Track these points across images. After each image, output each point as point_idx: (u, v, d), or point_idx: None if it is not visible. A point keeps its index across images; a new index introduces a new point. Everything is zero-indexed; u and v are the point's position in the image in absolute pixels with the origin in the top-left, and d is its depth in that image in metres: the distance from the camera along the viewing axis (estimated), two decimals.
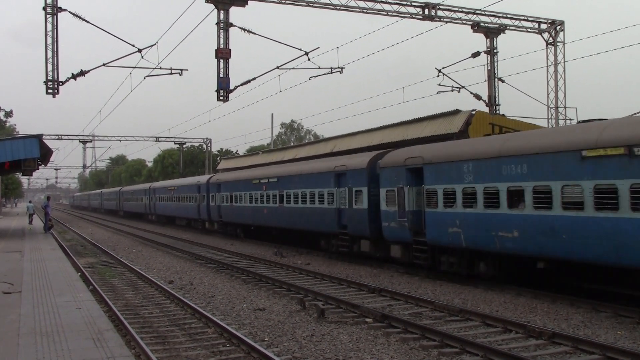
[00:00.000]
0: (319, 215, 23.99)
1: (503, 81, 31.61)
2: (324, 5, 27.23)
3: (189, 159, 77.37)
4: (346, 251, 22.57)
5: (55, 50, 25.82)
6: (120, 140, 68.60)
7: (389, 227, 19.41)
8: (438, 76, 29.95)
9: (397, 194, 18.85)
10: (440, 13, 28.73)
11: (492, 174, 15.10)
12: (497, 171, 14.96)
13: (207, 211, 39.15)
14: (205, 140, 68.99)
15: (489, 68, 31.47)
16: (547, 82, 31.04)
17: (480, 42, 31.79)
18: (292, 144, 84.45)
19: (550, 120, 30.74)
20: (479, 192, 15.53)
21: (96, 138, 73.72)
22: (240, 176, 34.68)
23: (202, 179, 41.32)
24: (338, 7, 27.40)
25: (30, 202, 58.73)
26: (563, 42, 30.90)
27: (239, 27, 25.41)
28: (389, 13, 28.00)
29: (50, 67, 25.86)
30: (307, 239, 26.67)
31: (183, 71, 29.04)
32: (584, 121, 14.67)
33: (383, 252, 20.54)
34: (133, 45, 26.76)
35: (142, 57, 26.93)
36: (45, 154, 32.66)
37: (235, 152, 75.72)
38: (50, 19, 25.56)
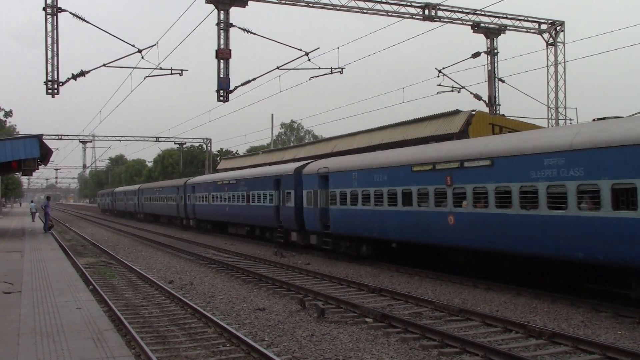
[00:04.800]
0: None
1: (503, 81, 31.63)
2: (324, 6, 27.23)
3: (189, 159, 77.47)
4: None
5: (56, 50, 25.84)
6: (120, 140, 68.71)
7: None
8: (438, 76, 30.01)
9: None
10: (440, 13, 28.74)
11: None
12: None
13: (316, 217, 23.78)
14: (205, 140, 69.06)
15: (489, 68, 31.49)
16: (547, 82, 31.07)
17: (480, 42, 31.85)
18: (292, 144, 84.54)
19: (550, 121, 30.77)
20: None
21: (96, 138, 73.91)
22: (398, 158, 19.52)
23: (312, 167, 25.01)
24: (338, 8, 27.41)
25: (32, 201, 59.49)
26: (563, 43, 30.92)
27: (239, 28, 25.44)
28: (389, 13, 28.01)
29: (50, 67, 25.88)
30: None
31: (183, 71, 29.07)
32: None
33: None
34: (133, 46, 26.79)
35: (142, 57, 26.97)
36: (45, 154, 32.68)
37: (235, 152, 75.82)
38: (50, 19, 25.58)
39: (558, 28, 31.02)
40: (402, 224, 18.68)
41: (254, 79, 27.05)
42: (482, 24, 30.55)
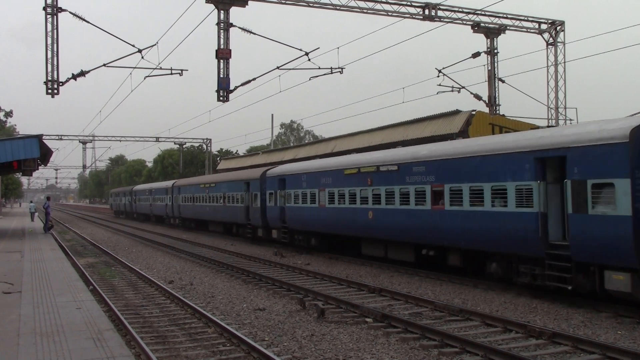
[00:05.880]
0: None
1: (503, 81, 31.65)
2: (324, 6, 27.24)
3: (188, 159, 77.48)
4: None
5: (56, 50, 25.86)
6: (120, 141, 68.69)
7: None
8: (438, 76, 30.01)
9: None
10: (440, 13, 28.76)
11: None
12: None
13: None
14: (205, 140, 69.08)
15: (489, 68, 31.51)
16: (547, 82, 31.07)
17: (480, 42, 31.94)
18: (292, 144, 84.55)
19: (550, 121, 30.75)
20: None
21: (96, 138, 73.91)
22: None
23: None
24: (338, 7, 27.42)
25: (31, 201, 59.81)
26: (563, 43, 30.92)
27: (239, 28, 25.46)
28: (389, 13, 28.02)
29: (50, 68, 25.91)
30: None
31: (183, 71, 29.09)
32: None
33: None
34: (133, 46, 26.81)
35: (142, 57, 27.00)
36: (45, 154, 32.66)
37: (235, 152, 75.84)
38: (50, 19, 25.61)
39: (558, 28, 31.01)
40: None
41: (254, 79, 27.08)
42: (482, 24, 30.56)
